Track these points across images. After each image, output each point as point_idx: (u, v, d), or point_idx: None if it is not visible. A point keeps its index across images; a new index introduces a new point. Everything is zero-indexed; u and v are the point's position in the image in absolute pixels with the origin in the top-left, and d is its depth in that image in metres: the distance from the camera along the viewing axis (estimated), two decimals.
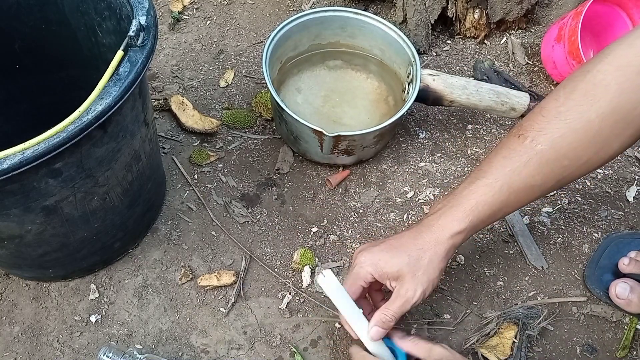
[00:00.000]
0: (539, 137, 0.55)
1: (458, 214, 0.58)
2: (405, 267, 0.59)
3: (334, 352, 0.73)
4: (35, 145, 0.49)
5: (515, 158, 0.56)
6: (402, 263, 0.59)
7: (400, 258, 0.59)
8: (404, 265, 0.59)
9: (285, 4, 1.15)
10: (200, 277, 0.78)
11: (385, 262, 0.59)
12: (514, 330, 0.73)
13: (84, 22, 0.73)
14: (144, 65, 0.57)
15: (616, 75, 0.51)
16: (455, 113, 0.99)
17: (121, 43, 0.57)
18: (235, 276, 0.78)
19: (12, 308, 0.76)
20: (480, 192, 0.58)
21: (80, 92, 0.82)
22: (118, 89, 0.54)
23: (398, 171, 0.91)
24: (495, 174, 0.57)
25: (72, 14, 0.73)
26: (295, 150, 0.92)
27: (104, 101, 0.53)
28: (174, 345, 0.73)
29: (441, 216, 0.60)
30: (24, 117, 0.84)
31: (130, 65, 0.56)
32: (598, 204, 0.88)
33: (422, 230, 0.60)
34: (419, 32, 1.04)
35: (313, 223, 0.85)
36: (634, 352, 0.74)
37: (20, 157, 0.48)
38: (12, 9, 0.72)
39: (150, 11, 0.61)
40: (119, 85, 0.54)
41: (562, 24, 0.97)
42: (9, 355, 0.72)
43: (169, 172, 0.89)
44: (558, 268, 0.81)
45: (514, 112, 0.90)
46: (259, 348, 0.73)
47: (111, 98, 0.53)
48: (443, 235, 0.59)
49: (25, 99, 0.84)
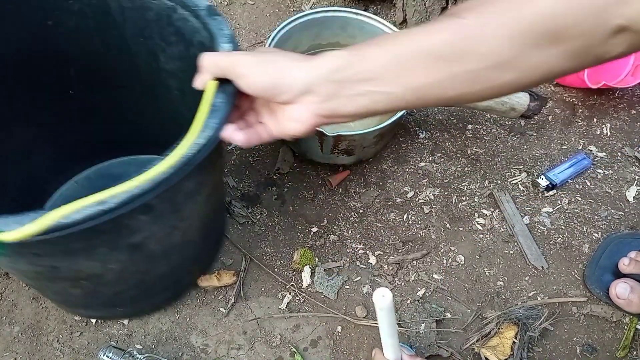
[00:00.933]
0: (467, 14, 0.47)
1: (343, 51, 0.49)
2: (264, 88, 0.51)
3: (334, 352, 0.73)
4: (144, 182, 0.46)
5: (436, 24, 0.48)
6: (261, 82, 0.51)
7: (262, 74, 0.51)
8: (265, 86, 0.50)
9: (285, 4, 1.15)
10: (200, 278, 0.77)
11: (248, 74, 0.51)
12: (514, 330, 0.73)
13: (146, 48, 0.70)
14: (236, 95, 0.54)
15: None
16: (455, 113, 0.99)
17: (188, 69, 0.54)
18: (236, 276, 0.78)
19: (12, 308, 0.76)
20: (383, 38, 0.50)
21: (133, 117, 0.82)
22: (217, 121, 0.50)
23: (398, 171, 0.91)
24: (409, 31, 0.49)
25: (134, 39, 0.70)
26: (296, 150, 0.92)
27: (205, 134, 0.50)
28: (174, 345, 0.73)
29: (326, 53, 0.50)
30: (74, 143, 0.82)
31: (225, 95, 0.52)
32: (598, 204, 0.88)
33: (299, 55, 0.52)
34: None
35: (313, 223, 0.85)
36: (634, 352, 0.74)
37: (128, 196, 0.45)
38: (71, 34, 0.69)
39: (233, 38, 0.58)
40: (217, 117, 0.51)
41: None
42: (9, 355, 0.72)
43: None
44: (558, 268, 0.81)
45: (513, 112, 0.90)
46: (259, 348, 0.73)
47: (212, 131, 0.50)
48: (316, 63, 0.49)
49: (76, 124, 0.80)
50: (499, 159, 0.94)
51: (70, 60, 0.72)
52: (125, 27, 0.69)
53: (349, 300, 0.77)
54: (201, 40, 0.62)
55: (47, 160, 0.80)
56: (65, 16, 0.67)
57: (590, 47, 0.44)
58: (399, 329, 0.74)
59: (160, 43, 0.69)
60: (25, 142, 0.75)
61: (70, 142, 0.82)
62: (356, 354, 0.73)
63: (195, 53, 0.59)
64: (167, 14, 0.65)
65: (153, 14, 0.66)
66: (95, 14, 0.68)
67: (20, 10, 0.64)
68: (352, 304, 0.77)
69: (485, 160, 0.93)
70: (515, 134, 0.97)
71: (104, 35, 0.70)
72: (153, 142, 0.86)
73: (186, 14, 0.63)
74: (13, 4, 0.63)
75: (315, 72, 0.49)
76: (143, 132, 0.84)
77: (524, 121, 0.98)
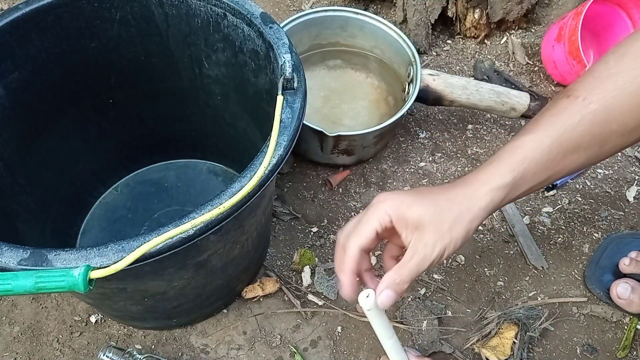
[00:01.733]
0: (591, 97, 0.52)
1: (501, 167, 0.52)
2: (429, 216, 0.49)
3: (334, 352, 0.73)
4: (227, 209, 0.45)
5: (566, 116, 0.52)
6: (426, 211, 0.50)
7: (426, 205, 0.50)
8: (428, 214, 0.49)
9: (285, 3, 1.15)
10: (244, 290, 0.77)
11: (408, 205, 0.50)
12: (514, 330, 0.73)
13: (189, 54, 0.70)
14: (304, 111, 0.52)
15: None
16: (456, 113, 0.99)
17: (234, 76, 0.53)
18: (279, 283, 0.77)
19: (12, 308, 0.76)
20: (527, 146, 0.52)
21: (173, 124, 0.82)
22: (286, 139, 0.49)
23: (398, 171, 0.91)
24: (545, 130, 0.52)
25: (177, 45, 0.69)
26: (295, 150, 0.92)
27: (277, 153, 0.49)
28: (173, 346, 0.73)
29: (480, 171, 0.52)
30: (113, 151, 0.82)
31: (291, 111, 0.51)
32: (598, 204, 0.88)
33: (456, 184, 0.53)
34: (419, 32, 1.04)
35: (313, 223, 0.85)
36: (634, 352, 0.74)
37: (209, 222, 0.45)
38: (111, 42, 0.68)
39: (293, 48, 0.56)
40: (286, 134, 0.50)
41: (562, 23, 0.96)
42: (9, 355, 0.72)
43: None
44: (558, 268, 0.81)
45: (514, 112, 0.90)
46: (259, 348, 0.73)
47: (282, 149, 0.49)
48: (481, 189, 0.50)
49: (116, 133, 0.80)
50: None
51: (111, 69, 0.71)
52: (169, 33, 0.68)
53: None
54: (254, 49, 0.61)
55: (87, 169, 0.80)
56: (107, 25, 0.66)
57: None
58: (402, 327, 0.74)
59: (205, 49, 0.68)
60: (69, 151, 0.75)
61: (110, 149, 0.81)
62: (356, 354, 0.73)
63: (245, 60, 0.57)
64: (216, 21, 0.64)
65: (199, 20, 0.65)
66: (138, 22, 0.67)
67: (61, 21, 0.63)
68: (352, 304, 0.77)
69: (485, 160, 0.93)
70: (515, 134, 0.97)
71: (145, 42, 0.69)
72: (191, 146, 0.87)
73: (237, 21, 0.61)
74: (54, 15, 0.62)
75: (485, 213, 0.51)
76: (181, 136, 0.84)
77: (525, 121, 0.98)
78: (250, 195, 0.47)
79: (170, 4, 0.65)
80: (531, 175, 0.52)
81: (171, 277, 0.56)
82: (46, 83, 0.66)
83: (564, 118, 0.52)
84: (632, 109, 0.52)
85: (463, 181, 0.53)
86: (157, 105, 0.79)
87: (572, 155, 0.53)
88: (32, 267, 0.42)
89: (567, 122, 0.52)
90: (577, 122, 0.52)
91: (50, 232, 0.73)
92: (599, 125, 0.52)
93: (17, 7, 0.60)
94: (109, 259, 0.42)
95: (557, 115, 0.53)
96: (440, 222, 0.49)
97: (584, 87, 0.53)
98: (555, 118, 0.53)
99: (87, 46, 0.67)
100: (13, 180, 0.65)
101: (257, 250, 0.72)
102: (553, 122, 0.53)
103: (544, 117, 0.54)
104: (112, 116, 0.77)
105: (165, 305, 0.64)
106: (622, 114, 0.52)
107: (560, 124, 0.52)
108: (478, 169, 0.53)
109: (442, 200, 0.51)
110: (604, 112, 0.52)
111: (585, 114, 0.52)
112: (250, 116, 0.74)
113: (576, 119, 0.52)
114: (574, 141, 0.52)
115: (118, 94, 0.75)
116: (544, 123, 0.53)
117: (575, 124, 0.52)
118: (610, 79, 0.52)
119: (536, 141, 0.52)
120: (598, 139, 0.53)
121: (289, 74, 0.53)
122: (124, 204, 0.84)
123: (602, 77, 0.53)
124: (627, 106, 0.51)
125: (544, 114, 0.54)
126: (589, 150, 0.53)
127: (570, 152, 0.53)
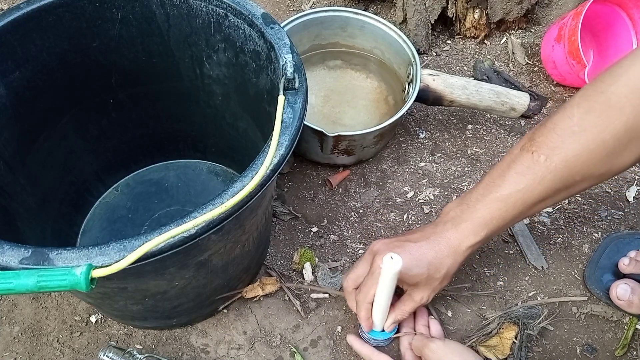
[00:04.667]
0: (553, 156, 0.56)
1: (474, 228, 0.61)
2: (424, 279, 0.63)
3: (334, 352, 0.73)
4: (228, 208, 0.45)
5: (529, 176, 0.58)
6: (422, 275, 0.62)
7: (421, 269, 0.62)
8: (424, 277, 0.63)
9: (285, 3, 1.15)
10: (244, 290, 0.76)
11: (408, 269, 0.61)
12: (514, 330, 0.73)
13: (191, 54, 0.70)
14: (305, 111, 0.52)
15: (631, 98, 0.52)
16: (455, 113, 0.99)
17: (235, 76, 0.53)
18: (279, 283, 0.77)
19: (12, 308, 0.76)
20: (494, 207, 0.60)
21: (173, 124, 0.82)
22: (288, 139, 0.50)
23: (398, 171, 0.91)
24: (509, 189, 0.59)
25: (178, 45, 0.69)
26: (296, 150, 0.92)
27: (278, 152, 0.49)
28: (174, 345, 0.73)
29: (457, 227, 0.62)
30: (113, 151, 0.81)
31: (293, 111, 0.52)
32: (598, 204, 0.88)
33: (439, 240, 0.63)
34: (419, 32, 1.04)
35: (313, 223, 0.85)
36: (633, 352, 0.74)
37: (210, 221, 0.45)
38: (112, 42, 0.68)
39: (294, 48, 0.57)
40: (288, 134, 0.50)
41: (562, 24, 0.97)
42: (9, 355, 0.72)
43: None
44: (558, 268, 0.81)
45: (514, 112, 0.90)
46: (259, 348, 0.73)
47: (284, 149, 0.49)
48: (460, 247, 0.62)
49: (117, 133, 0.80)
50: (499, 159, 0.94)
51: (112, 69, 0.71)
52: (170, 34, 0.68)
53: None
54: (256, 49, 0.61)
55: (88, 169, 0.80)
56: (108, 25, 0.66)
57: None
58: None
59: (207, 50, 0.68)
60: (70, 151, 0.75)
61: (110, 149, 0.81)
62: (356, 354, 0.73)
63: (246, 60, 0.57)
64: (217, 21, 0.64)
65: (201, 20, 0.65)
66: (140, 22, 0.67)
67: (62, 20, 0.63)
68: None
69: (485, 160, 0.93)
70: (515, 134, 0.97)
71: (146, 42, 0.69)
72: (192, 146, 0.87)
73: (238, 21, 0.62)
74: (56, 15, 0.62)
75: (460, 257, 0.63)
76: (181, 136, 0.84)
77: (524, 121, 0.98)
78: (252, 195, 0.47)
79: (171, 4, 0.65)
80: (499, 228, 0.62)
81: (172, 277, 0.56)
82: (47, 83, 0.66)
83: (527, 177, 0.58)
84: (595, 163, 0.56)
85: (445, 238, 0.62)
86: (158, 106, 0.79)
87: (540, 204, 0.60)
88: (34, 266, 0.42)
89: (529, 182, 0.58)
90: (539, 181, 0.57)
91: (50, 232, 0.73)
92: (561, 180, 0.57)
93: (18, 7, 0.60)
94: (110, 258, 0.42)
95: (521, 175, 0.58)
96: (432, 280, 0.63)
97: (547, 144, 0.57)
98: (518, 177, 0.59)
99: (89, 46, 0.67)
100: (14, 179, 0.65)
101: (257, 250, 0.72)
102: (516, 181, 0.59)
103: (509, 174, 0.60)
104: (112, 116, 0.77)
105: (166, 304, 0.64)
106: (584, 168, 0.56)
107: (522, 184, 0.58)
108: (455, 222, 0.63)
109: (433, 263, 0.62)
110: (566, 170, 0.56)
111: (547, 174, 0.57)
112: (251, 116, 0.74)
113: (538, 178, 0.57)
114: (539, 195, 0.58)
115: (119, 93, 0.74)
116: (508, 181, 0.59)
117: (538, 183, 0.58)
118: (572, 137, 0.56)
119: (501, 201, 0.60)
120: (563, 191, 0.59)
121: (290, 74, 0.54)
122: (125, 203, 0.84)
123: (564, 135, 0.56)
124: (590, 162, 0.56)
125: (509, 170, 0.60)
126: (556, 197, 0.60)
127: (537, 203, 0.59)
